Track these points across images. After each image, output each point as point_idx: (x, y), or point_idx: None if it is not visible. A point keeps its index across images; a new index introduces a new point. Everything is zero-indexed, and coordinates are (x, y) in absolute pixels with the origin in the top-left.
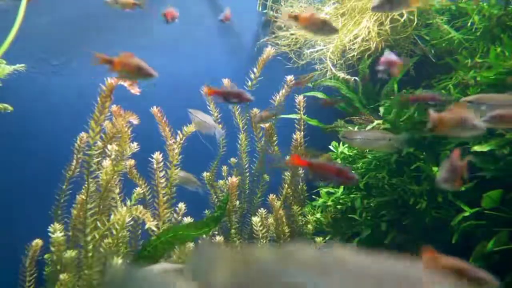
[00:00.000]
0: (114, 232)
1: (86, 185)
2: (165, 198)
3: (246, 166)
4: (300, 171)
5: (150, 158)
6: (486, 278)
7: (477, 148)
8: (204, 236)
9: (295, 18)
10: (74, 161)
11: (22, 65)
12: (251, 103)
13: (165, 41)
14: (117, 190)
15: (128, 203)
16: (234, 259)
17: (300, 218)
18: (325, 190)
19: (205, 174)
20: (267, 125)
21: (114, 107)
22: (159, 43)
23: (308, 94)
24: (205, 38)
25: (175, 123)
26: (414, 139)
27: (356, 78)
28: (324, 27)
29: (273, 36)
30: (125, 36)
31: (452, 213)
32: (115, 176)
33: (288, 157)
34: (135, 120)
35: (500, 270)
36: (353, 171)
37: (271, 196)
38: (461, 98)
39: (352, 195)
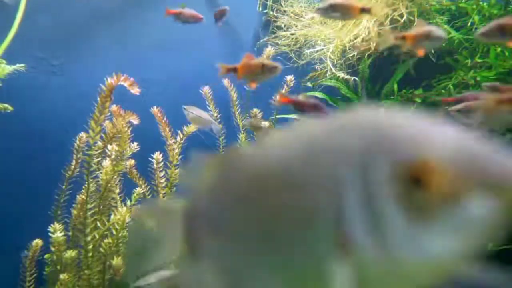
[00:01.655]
0: (114, 232)
1: (86, 185)
2: (165, 198)
3: None
4: None
5: (150, 158)
6: None
7: None
8: None
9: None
10: (74, 161)
11: (22, 65)
12: (251, 103)
13: (165, 41)
14: (117, 190)
15: (128, 203)
16: (219, 162)
17: None
18: None
19: None
20: (267, 125)
21: (114, 107)
22: (159, 43)
23: (308, 94)
24: (205, 38)
25: (175, 123)
26: None
27: (356, 78)
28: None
29: (273, 36)
30: (125, 36)
31: None
32: (115, 176)
33: (276, 97)
34: (135, 120)
35: (499, 271)
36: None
37: None
38: None
39: None
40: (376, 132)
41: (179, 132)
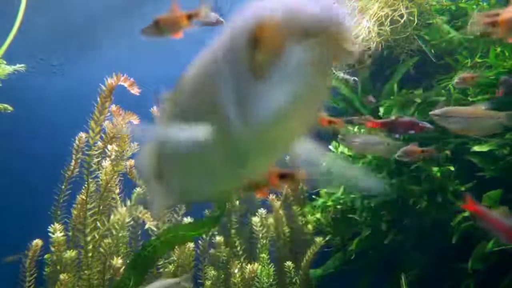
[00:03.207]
0: (114, 232)
1: (86, 185)
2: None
3: None
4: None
5: None
6: None
7: (477, 148)
8: (204, 236)
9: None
10: (73, 161)
11: (22, 65)
12: None
13: (165, 41)
14: (117, 190)
15: (128, 203)
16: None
17: (300, 218)
18: (325, 190)
19: None
20: None
21: (113, 107)
22: (159, 43)
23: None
24: (205, 37)
25: None
26: (414, 139)
27: (356, 78)
28: None
29: None
30: (125, 36)
31: (452, 213)
32: (115, 176)
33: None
34: (135, 120)
35: (499, 271)
36: None
37: (271, 196)
38: (461, 98)
39: (352, 195)
40: (238, 19)
41: None
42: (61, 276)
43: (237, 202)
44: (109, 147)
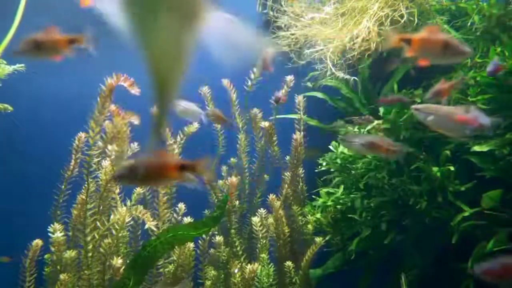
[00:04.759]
0: (114, 232)
1: (86, 185)
2: (165, 198)
3: (246, 166)
4: (301, 171)
5: None
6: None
7: (477, 148)
8: (203, 236)
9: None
10: (73, 161)
11: (22, 65)
12: (251, 103)
13: None
14: (117, 190)
15: (128, 203)
16: None
17: (300, 218)
18: (325, 190)
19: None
20: (267, 125)
21: (113, 107)
22: None
23: (308, 94)
24: (204, 38)
25: (175, 123)
26: (414, 139)
27: (356, 78)
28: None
29: (273, 36)
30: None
31: (452, 213)
32: None
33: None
34: (135, 120)
35: None
36: (353, 171)
37: (271, 196)
38: (461, 98)
39: (352, 195)
40: None
41: (179, 132)
42: (61, 276)
43: (237, 202)
44: (109, 147)
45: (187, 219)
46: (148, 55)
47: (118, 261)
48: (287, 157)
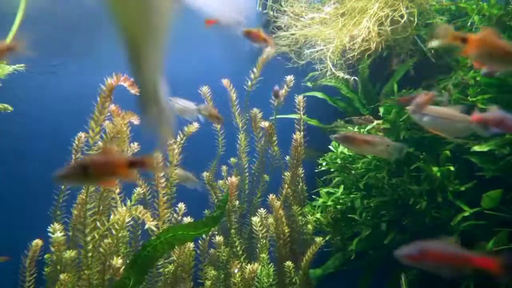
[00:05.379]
0: (114, 232)
1: (85, 185)
2: (165, 198)
3: (246, 166)
4: (301, 171)
5: None
6: None
7: (477, 148)
8: (203, 236)
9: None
10: (73, 161)
11: (22, 65)
12: (251, 103)
13: None
14: (117, 190)
15: (128, 203)
16: None
17: (300, 218)
18: (325, 190)
19: (204, 174)
20: (267, 125)
21: (112, 107)
22: None
23: (308, 94)
24: (204, 38)
25: (175, 123)
26: (414, 139)
27: (356, 78)
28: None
29: (273, 36)
30: None
31: (452, 213)
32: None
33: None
34: (135, 120)
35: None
36: (353, 171)
37: (271, 196)
38: (461, 98)
39: (352, 195)
40: None
41: (179, 132)
42: (61, 276)
43: (237, 202)
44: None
45: (187, 219)
46: (118, 16)
47: (118, 261)
48: (287, 157)
